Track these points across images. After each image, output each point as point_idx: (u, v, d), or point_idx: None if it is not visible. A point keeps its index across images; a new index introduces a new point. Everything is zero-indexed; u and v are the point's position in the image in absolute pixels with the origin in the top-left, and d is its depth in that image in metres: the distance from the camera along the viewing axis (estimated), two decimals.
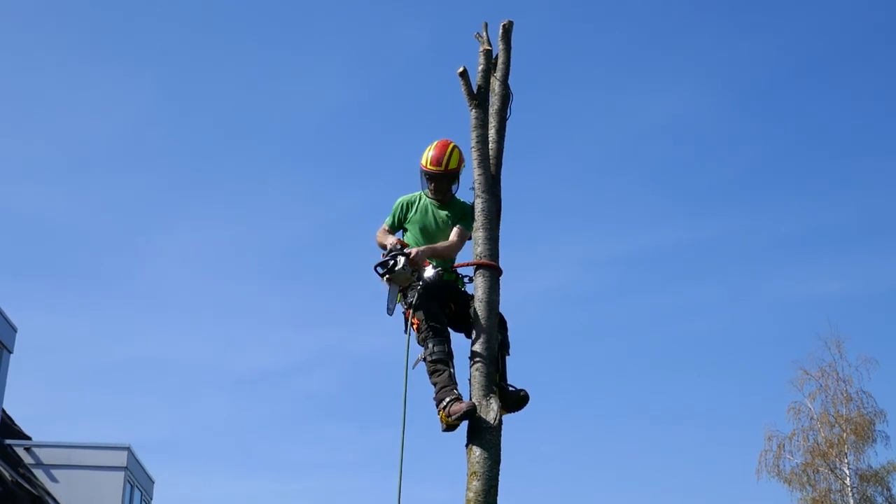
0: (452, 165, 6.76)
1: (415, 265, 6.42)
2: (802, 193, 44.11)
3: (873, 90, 42.71)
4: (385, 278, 6.44)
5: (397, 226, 6.86)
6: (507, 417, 6.04)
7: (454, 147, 6.80)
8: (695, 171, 45.91)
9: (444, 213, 6.82)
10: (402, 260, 6.38)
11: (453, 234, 6.72)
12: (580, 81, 44.68)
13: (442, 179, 6.78)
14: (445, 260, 6.67)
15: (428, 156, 6.78)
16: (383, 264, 6.45)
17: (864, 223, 42.41)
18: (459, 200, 6.91)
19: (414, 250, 6.48)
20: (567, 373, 41.26)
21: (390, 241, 6.68)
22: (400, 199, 6.92)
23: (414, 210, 6.83)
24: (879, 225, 41.75)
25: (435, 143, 6.82)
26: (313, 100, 45.16)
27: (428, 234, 6.76)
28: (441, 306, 6.48)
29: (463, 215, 6.82)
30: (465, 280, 6.61)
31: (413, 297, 6.45)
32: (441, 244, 6.67)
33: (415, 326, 6.46)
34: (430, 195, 6.85)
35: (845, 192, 42.56)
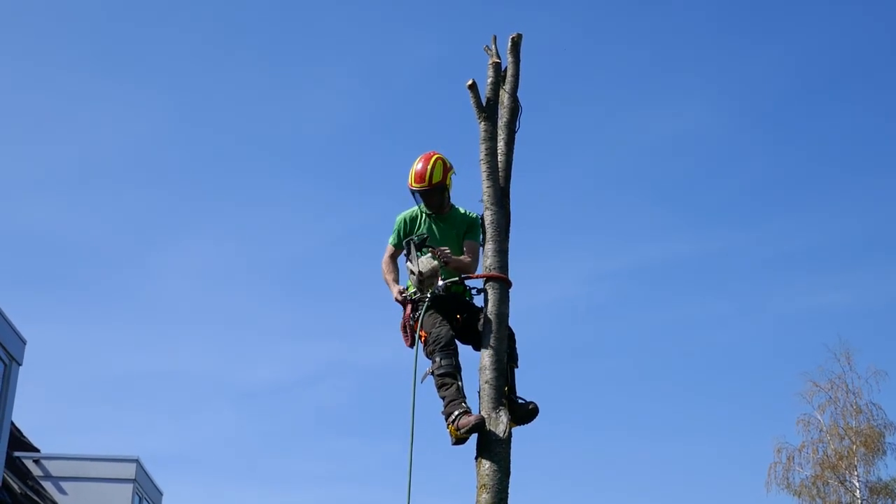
0: (437, 179, 6.70)
1: (442, 261, 6.48)
2: (809, 206, 44.02)
3: (878, 105, 42.65)
4: (409, 262, 6.48)
5: (402, 243, 6.80)
6: (516, 430, 6.03)
7: (437, 159, 6.73)
8: (702, 185, 45.87)
9: (445, 225, 6.82)
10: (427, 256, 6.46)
11: (467, 251, 6.72)
12: (588, 96, 44.69)
13: (430, 194, 6.74)
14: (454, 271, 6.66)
15: (412, 173, 6.74)
16: (415, 244, 6.50)
17: (872, 235, 42.31)
18: (460, 211, 6.90)
19: (446, 251, 6.54)
20: (574, 386, 41.18)
21: (395, 289, 6.73)
22: (401, 216, 6.90)
23: (416, 226, 6.81)
24: (888, 237, 41.64)
25: (419, 158, 6.76)
26: (321, 113, 45.27)
27: None
28: (449, 318, 6.49)
29: (469, 227, 6.81)
30: (473, 292, 6.60)
31: (420, 310, 6.46)
32: (463, 259, 6.67)
33: (422, 339, 6.47)
34: (426, 210, 6.86)
35: (853, 205, 42.45)
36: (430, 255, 6.48)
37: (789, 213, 43.63)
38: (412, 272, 6.52)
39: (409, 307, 6.60)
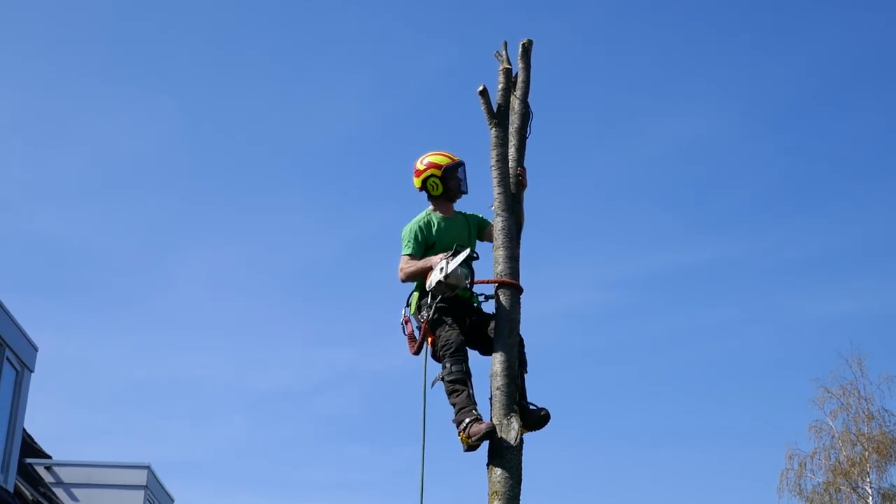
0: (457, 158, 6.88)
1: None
2: (820, 212, 43.81)
3: (889, 112, 42.43)
4: (449, 260, 6.32)
5: (423, 250, 6.65)
6: (527, 436, 6.02)
7: None
8: (712, 192, 45.66)
9: (458, 225, 6.81)
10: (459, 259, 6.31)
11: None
12: (597, 102, 44.64)
13: (456, 173, 6.81)
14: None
15: (441, 154, 6.83)
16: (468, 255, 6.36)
17: (884, 241, 42.10)
18: (462, 213, 6.92)
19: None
20: (585, 392, 41.05)
21: (433, 259, 6.47)
22: (411, 226, 6.75)
23: (432, 230, 6.74)
24: None
25: (431, 153, 6.87)
26: (332, 119, 45.31)
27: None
28: (458, 322, 6.46)
29: (479, 222, 6.89)
30: (481, 298, 6.55)
31: (429, 314, 6.42)
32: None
33: (430, 342, 6.45)
34: (438, 210, 6.83)
35: (864, 211, 42.19)
36: (467, 270, 6.32)
37: (800, 219, 43.47)
38: (444, 273, 6.28)
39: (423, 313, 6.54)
